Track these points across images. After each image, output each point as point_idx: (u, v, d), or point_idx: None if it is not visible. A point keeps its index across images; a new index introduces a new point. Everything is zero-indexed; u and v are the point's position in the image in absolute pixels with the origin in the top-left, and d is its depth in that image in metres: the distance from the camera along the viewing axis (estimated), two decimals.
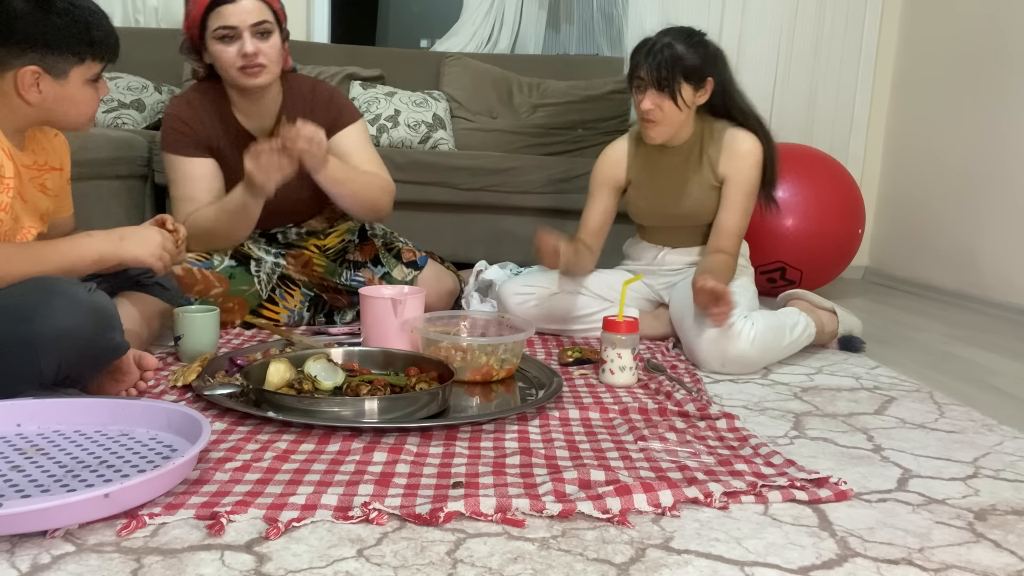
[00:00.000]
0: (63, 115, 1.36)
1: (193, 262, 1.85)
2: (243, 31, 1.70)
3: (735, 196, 1.88)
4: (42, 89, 1.30)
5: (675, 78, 1.78)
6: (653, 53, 1.79)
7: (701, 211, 1.94)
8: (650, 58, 1.79)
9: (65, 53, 1.30)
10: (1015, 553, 0.94)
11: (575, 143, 3.05)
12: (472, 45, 3.49)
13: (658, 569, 0.86)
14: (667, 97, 1.80)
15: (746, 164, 1.88)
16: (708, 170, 1.91)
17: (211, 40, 1.72)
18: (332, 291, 2.00)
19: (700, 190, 1.92)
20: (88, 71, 1.34)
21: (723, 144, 1.90)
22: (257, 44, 1.71)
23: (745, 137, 1.89)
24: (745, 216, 1.90)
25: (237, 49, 1.71)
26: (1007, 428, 1.42)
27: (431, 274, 2.03)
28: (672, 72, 1.78)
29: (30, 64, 1.28)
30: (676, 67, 1.78)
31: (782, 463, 1.16)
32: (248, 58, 1.71)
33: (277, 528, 0.90)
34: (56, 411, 1.18)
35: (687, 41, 1.81)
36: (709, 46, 1.85)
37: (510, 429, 1.29)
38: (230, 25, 1.69)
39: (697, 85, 1.83)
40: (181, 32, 1.81)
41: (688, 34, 1.83)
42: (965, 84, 3.02)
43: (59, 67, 1.30)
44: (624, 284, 1.68)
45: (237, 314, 1.91)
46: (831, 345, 2.02)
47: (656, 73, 1.78)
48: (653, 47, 1.80)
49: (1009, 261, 2.75)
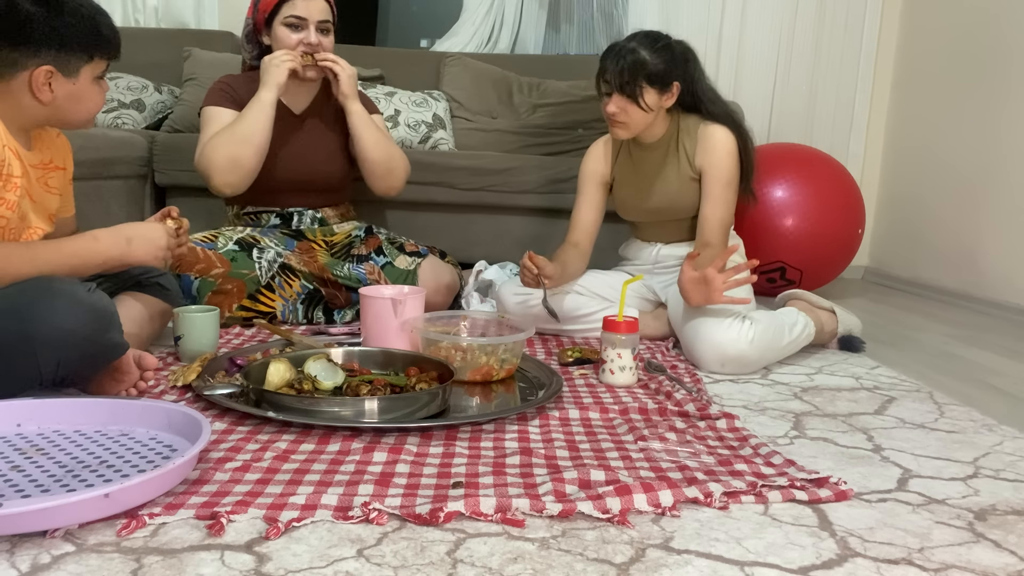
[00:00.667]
0: (71, 113, 1.37)
1: (197, 242, 1.92)
2: (310, 24, 1.94)
3: (713, 188, 1.91)
4: (54, 88, 1.32)
5: (638, 83, 1.82)
6: (618, 58, 1.83)
7: (682, 203, 1.97)
8: (615, 63, 1.83)
9: (76, 52, 1.32)
10: (1015, 553, 0.94)
11: (575, 143, 3.05)
12: (472, 45, 3.49)
13: (658, 569, 0.86)
14: (631, 101, 1.84)
15: (720, 155, 1.90)
16: (685, 162, 1.94)
17: (279, 25, 1.95)
18: (331, 285, 2.01)
19: (678, 183, 1.95)
20: (96, 69, 1.36)
21: (697, 137, 1.93)
22: (319, 37, 1.96)
23: (717, 129, 1.92)
24: (727, 207, 1.91)
25: (301, 37, 1.95)
26: (1007, 428, 1.42)
27: (429, 267, 2.05)
28: (635, 77, 1.82)
29: (44, 64, 1.30)
30: (639, 72, 1.81)
31: (782, 463, 1.16)
32: (310, 47, 1.95)
33: (277, 528, 0.90)
34: (56, 411, 1.18)
35: (652, 46, 1.84)
36: (675, 49, 1.88)
37: (510, 429, 1.29)
38: (300, 16, 1.93)
39: (662, 89, 1.86)
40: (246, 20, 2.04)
41: (654, 39, 1.86)
42: (965, 84, 3.03)
43: (71, 66, 1.32)
44: (624, 284, 1.68)
45: (235, 297, 1.93)
46: (831, 345, 2.02)
47: (619, 78, 1.82)
48: (619, 52, 1.84)
49: (1009, 261, 2.75)
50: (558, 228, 2.76)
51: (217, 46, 3.13)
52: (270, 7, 1.95)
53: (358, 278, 2.01)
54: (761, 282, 2.64)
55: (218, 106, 2.00)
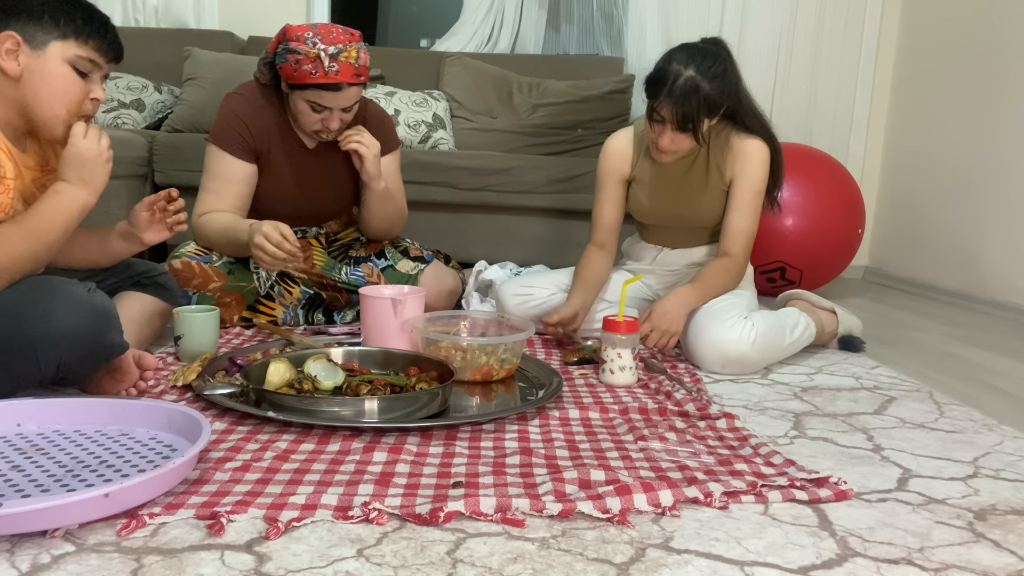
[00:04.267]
0: (40, 95, 1.29)
1: (192, 256, 1.88)
2: (334, 113, 1.78)
3: (743, 196, 1.84)
4: (20, 61, 1.27)
5: (699, 119, 1.70)
6: (676, 92, 1.66)
7: (705, 214, 1.92)
8: (673, 97, 1.67)
9: (45, 24, 1.27)
10: (1015, 553, 0.94)
11: (575, 143, 3.05)
12: (472, 45, 3.49)
13: (658, 569, 0.86)
14: (688, 136, 1.72)
15: (754, 164, 1.84)
16: (716, 174, 1.88)
17: (299, 99, 1.78)
18: (331, 289, 2.00)
19: (706, 193, 1.89)
20: (67, 49, 1.29)
21: (731, 147, 1.86)
22: (341, 117, 1.80)
23: (752, 140, 1.85)
24: (754, 217, 1.86)
25: (321, 118, 1.79)
26: (1007, 428, 1.42)
27: (431, 273, 2.03)
28: (697, 115, 1.68)
29: (10, 31, 1.25)
30: (701, 109, 1.68)
31: (782, 463, 1.16)
32: (326, 127, 1.81)
33: (277, 528, 0.90)
34: (56, 411, 1.18)
35: (710, 75, 1.68)
36: (728, 72, 1.73)
37: (510, 429, 1.29)
38: (325, 106, 1.77)
39: (714, 116, 1.75)
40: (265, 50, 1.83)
41: (710, 65, 1.69)
42: (965, 84, 3.03)
43: (38, 38, 1.27)
44: (624, 284, 1.68)
45: (234, 309, 1.91)
46: (831, 345, 2.02)
47: (680, 114, 1.68)
48: (675, 83, 1.66)
49: (1009, 261, 2.75)
50: (558, 228, 2.77)
51: (217, 46, 3.13)
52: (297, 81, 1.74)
53: (356, 284, 1.99)
54: (761, 282, 2.64)
55: (226, 152, 1.85)
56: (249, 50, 3.22)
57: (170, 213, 1.51)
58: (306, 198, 1.95)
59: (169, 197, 1.50)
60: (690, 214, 1.93)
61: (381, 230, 2.02)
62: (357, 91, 1.77)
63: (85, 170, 1.30)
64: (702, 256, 1.98)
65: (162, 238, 1.53)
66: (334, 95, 1.73)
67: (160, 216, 1.52)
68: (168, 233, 1.53)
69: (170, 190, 1.51)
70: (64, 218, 1.29)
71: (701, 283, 1.79)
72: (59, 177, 1.31)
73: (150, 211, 1.51)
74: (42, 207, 1.28)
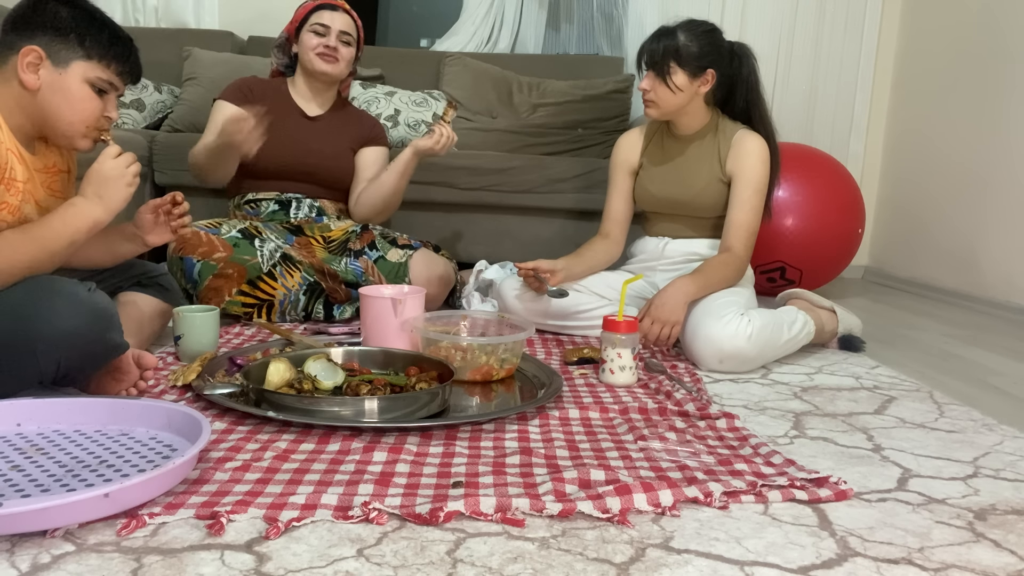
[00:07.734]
0: (58, 110, 1.31)
1: (201, 227, 1.97)
2: (332, 31, 2.10)
3: (744, 192, 1.90)
4: (41, 75, 1.29)
5: (667, 63, 1.85)
6: (656, 37, 1.88)
7: (706, 200, 1.95)
8: (652, 41, 1.89)
9: (71, 42, 1.30)
10: (1015, 553, 0.94)
11: (575, 143, 3.05)
12: (472, 45, 3.49)
13: (658, 569, 0.86)
14: (660, 80, 1.86)
15: (753, 161, 1.90)
16: (716, 163, 1.93)
17: (305, 32, 2.12)
18: (331, 278, 2.02)
19: (707, 179, 1.94)
20: (90, 71, 1.32)
21: (732, 142, 1.93)
22: (339, 44, 2.11)
23: (752, 135, 1.93)
24: (755, 213, 1.90)
25: (324, 40, 2.10)
26: (1007, 428, 1.42)
27: (420, 259, 2.06)
28: (666, 56, 1.85)
29: (35, 45, 1.28)
30: (669, 52, 1.85)
31: (782, 463, 1.16)
32: (328, 48, 2.09)
33: (277, 528, 0.90)
34: (56, 411, 1.18)
35: (692, 30, 1.87)
36: (718, 40, 1.89)
37: (510, 429, 1.29)
38: (324, 24, 2.10)
39: (694, 73, 1.86)
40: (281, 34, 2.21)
41: (698, 24, 1.89)
42: (965, 84, 3.03)
43: (62, 55, 1.30)
44: (624, 284, 1.68)
45: (235, 282, 1.94)
46: (831, 344, 2.02)
47: (650, 56, 1.88)
48: (659, 32, 1.89)
49: (1009, 261, 2.75)
50: (558, 227, 2.77)
51: (217, 46, 3.13)
52: (301, 16, 2.12)
53: (355, 274, 2.03)
54: (761, 282, 2.64)
55: (227, 101, 2.12)
56: (249, 50, 3.22)
57: (175, 216, 1.53)
58: (302, 149, 2.12)
59: (174, 200, 1.53)
60: (691, 200, 1.97)
61: (378, 209, 2.17)
62: (351, 21, 2.14)
63: (103, 188, 1.32)
64: (705, 248, 2.00)
65: (166, 240, 1.57)
66: (332, 14, 2.10)
67: (165, 219, 1.54)
68: (172, 235, 1.57)
69: (175, 193, 1.53)
70: (72, 231, 1.29)
71: (701, 274, 1.80)
72: (79, 192, 1.33)
73: (155, 214, 1.53)
74: (53, 217, 1.29)
